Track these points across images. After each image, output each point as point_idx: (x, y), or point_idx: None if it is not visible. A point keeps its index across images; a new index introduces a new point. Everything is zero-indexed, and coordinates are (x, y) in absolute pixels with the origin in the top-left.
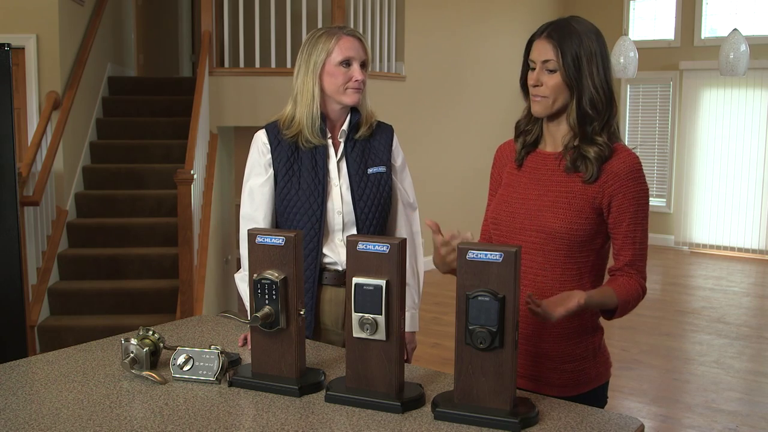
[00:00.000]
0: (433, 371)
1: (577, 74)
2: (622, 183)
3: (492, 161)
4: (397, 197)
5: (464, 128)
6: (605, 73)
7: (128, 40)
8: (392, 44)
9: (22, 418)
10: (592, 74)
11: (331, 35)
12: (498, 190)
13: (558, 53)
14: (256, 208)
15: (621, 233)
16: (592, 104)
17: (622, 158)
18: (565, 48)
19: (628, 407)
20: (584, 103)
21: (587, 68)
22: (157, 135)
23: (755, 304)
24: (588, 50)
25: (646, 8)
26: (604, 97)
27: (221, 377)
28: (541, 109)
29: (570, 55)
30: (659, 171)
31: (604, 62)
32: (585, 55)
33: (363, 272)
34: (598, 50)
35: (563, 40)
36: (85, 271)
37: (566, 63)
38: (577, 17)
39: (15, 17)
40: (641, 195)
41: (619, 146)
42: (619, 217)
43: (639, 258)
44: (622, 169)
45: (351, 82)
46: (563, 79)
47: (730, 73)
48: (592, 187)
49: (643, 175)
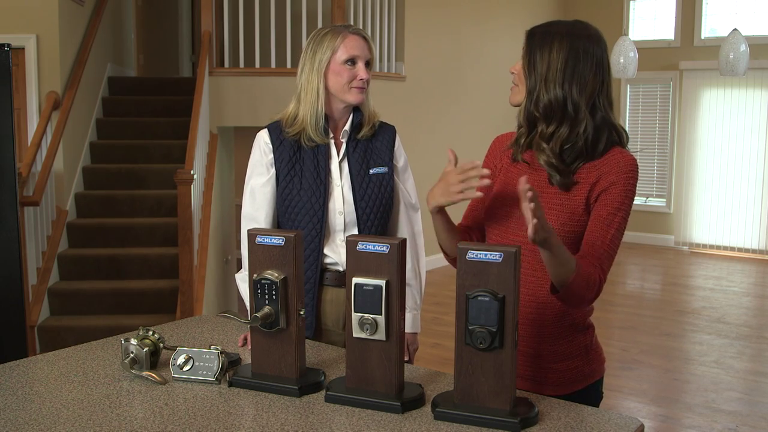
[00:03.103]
0: (433, 371)
1: (531, 66)
2: (613, 180)
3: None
4: (399, 198)
5: (464, 128)
6: (572, 85)
7: (128, 40)
8: (392, 44)
9: (22, 418)
10: (548, 74)
11: (337, 33)
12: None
13: (527, 40)
14: (258, 208)
15: (595, 226)
16: (536, 104)
17: (618, 158)
18: (535, 40)
19: (628, 407)
20: (532, 98)
21: (545, 66)
22: (157, 135)
23: (755, 304)
24: (558, 54)
25: (646, 8)
26: (556, 104)
27: (221, 377)
28: (512, 95)
29: (535, 47)
30: (659, 171)
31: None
32: (549, 53)
33: (363, 272)
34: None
35: (538, 32)
36: (85, 271)
37: (529, 50)
38: (582, 23)
39: (15, 17)
40: (627, 195)
41: (617, 149)
42: (599, 210)
43: (606, 256)
44: (614, 168)
45: (356, 80)
46: (522, 65)
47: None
48: (585, 188)
49: (635, 178)
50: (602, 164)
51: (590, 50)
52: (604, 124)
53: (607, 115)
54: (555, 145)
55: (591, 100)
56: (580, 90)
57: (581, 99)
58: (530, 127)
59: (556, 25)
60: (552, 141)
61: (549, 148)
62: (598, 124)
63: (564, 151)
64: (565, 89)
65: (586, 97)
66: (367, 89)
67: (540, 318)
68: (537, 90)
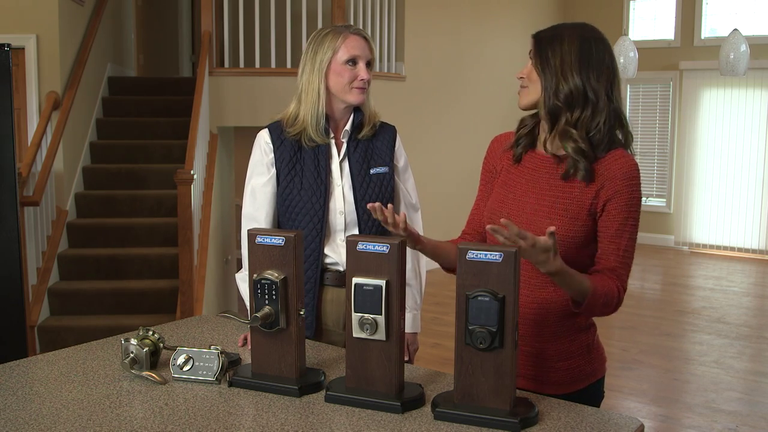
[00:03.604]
0: (433, 371)
1: (544, 62)
2: (618, 188)
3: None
4: (399, 198)
5: (464, 128)
6: (589, 73)
7: (128, 40)
8: (392, 44)
9: (22, 418)
10: (564, 67)
11: (338, 34)
12: (490, 182)
13: (535, 42)
14: (258, 207)
15: (607, 238)
16: (557, 95)
17: (621, 163)
18: (543, 40)
19: (628, 407)
20: (550, 92)
21: (558, 60)
22: (157, 135)
23: (755, 304)
24: (570, 46)
25: (646, 8)
26: (576, 92)
27: (221, 377)
28: (521, 98)
29: (545, 45)
30: (659, 171)
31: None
32: (561, 47)
33: (363, 272)
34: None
35: (545, 33)
36: (85, 271)
37: (539, 50)
38: (588, 24)
39: (15, 17)
40: (633, 203)
41: (620, 151)
42: (608, 222)
43: (622, 266)
44: (618, 174)
45: (356, 80)
46: (534, 65)
47: (731, 73)
48: (588, 193)
49: (639, 183)
50: (606, 169)
51: (599, 47)
52: (617, 116)
53: (619, 108)
54: (582, 130)
55: (608, 86)
56: (597, 76)
57: (599, 85)
58: (553, 121)
59: (562, 27)
60: (579, 126)
61: (577, 134)
62: (613, 114)
63: (591, 138)
64: (583, 77)
65: (603, 83)
66: (368, 89)
67: (542, 317)
68: (555, 82)
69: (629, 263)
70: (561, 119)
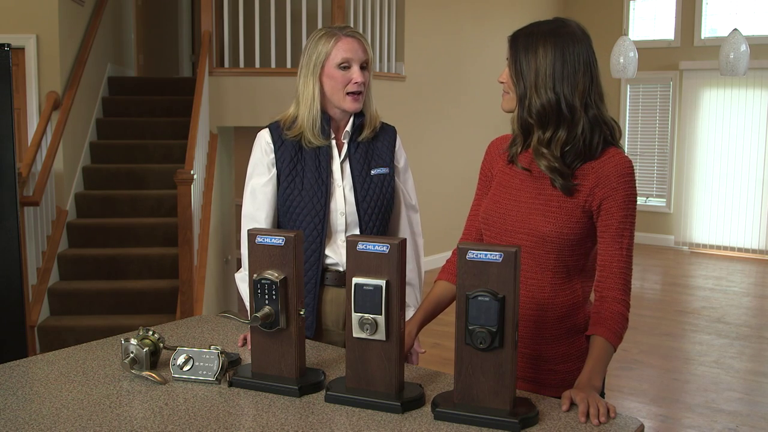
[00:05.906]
0: (433, 371)
1: (518, 74)
2: (612, 186)
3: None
4: (399, 199)
5: (464, 128)
6: (563, 85)
7: (128, 40)
8: (392, 44)
9: (22, 418)
10: (537, 81)
11: (331, 36)
12: (487, 186)
13: (511, 48)
14: (258, 207)
15: (609, 237)
16: (529, 110)
17: (614, 162)
18: (519, 48)
19: (628, 407)
20: (524, 104)
21: (533, 73)
22: (157, 135)
23: (755, 304)
24: (545, 58)
25: (646, 8)
26: (549, 108)
27: (221, 377)
28: (503, 102)
29: (520, 55)
30: (659, 171)
31: (564, 70)
32: (535, 58)
33: (363, 272)
34: (560, 60)
35: (521, 39)
36: (85, 271)
37: (514, 59)
38: (563, 20)
39: (15, 17)
40: (630, 200)
41: (613, 150)
42: (608, 221)
43: (623, 275)
44: (612, 172)
45: (350, 84)
46: (509, 75)
47: (731, 73)
48: (583, 191)
49: (634, 180)
50: (600, 167)
51: (576, 49)
52: (597, 121)
53: (598, 112)
54: (555, 149)
55: (584, 98)
56: (572, 90)
57: (574, 98)
58: (525, 135)
59: (538, 26)
60: (552, 145)
61: (549, 153)
62: (591, 121)
63: (565, 154)
64: (557, 91)
65: (578, 95)
66: (367, 92)
67: (540, 319)
68: (528, 96)
69: (630, 265)
70: (533, 135)
